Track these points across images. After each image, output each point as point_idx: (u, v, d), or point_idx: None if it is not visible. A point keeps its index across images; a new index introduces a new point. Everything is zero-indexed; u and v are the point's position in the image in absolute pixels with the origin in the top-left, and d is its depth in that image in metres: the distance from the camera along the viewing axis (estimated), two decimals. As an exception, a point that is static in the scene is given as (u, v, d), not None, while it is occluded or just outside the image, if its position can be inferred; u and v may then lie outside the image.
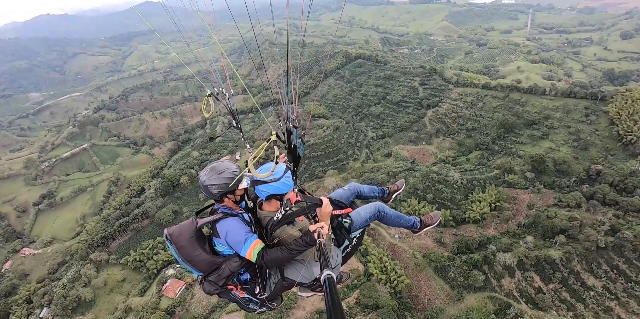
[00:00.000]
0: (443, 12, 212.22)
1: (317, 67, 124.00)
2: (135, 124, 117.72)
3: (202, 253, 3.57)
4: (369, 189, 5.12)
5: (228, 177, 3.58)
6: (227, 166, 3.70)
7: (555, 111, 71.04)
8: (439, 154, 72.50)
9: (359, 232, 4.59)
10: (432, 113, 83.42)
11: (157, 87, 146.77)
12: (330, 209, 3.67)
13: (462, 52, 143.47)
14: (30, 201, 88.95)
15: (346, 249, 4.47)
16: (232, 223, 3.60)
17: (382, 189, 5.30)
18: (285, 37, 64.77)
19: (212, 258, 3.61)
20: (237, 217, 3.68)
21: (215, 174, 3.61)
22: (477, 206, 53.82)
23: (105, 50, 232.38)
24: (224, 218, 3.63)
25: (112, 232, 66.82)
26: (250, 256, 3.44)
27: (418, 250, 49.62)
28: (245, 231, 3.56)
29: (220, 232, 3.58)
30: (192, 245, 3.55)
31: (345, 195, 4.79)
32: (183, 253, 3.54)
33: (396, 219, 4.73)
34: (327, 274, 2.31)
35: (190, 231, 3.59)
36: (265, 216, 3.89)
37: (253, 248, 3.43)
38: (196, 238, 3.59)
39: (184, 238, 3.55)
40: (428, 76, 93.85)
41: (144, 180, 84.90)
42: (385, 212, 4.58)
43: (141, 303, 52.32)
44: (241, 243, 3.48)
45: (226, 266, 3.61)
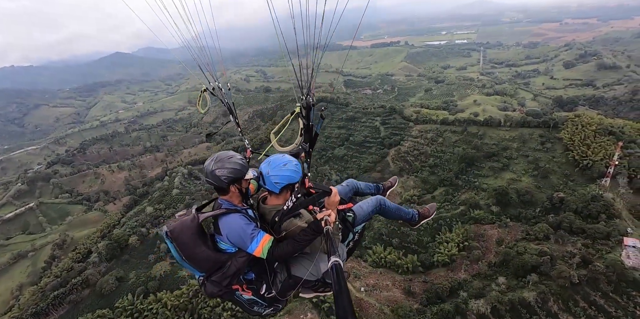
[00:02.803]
0: (402, 54, 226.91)
1: (281, 112, 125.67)
2: (90, 178, 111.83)
3: (205, 249, 3.37)
4: (365, 186, 5.20)
5: (237, 162, 3.47)
6: (233, 153, 3.57)
7: (512, 141, 72.55)
8: (404, 193, 70.99)
9: (360, 227, 4.53)
10: (395, 152, 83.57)
11: (117, 138, 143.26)
12: (338, 199, 3.60)
13: (422, 90, 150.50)
14: (-40, 272, 79.04)
15: (348, 245, 4.38)
16: (236, 220, 3.40)
17: (377, 186, 5.39)
18: (252, 84, 64.77)
19: (217, 255, 3.42)
20: (241, 214, 3.47)
21: (225, 158, 3.47)
22: (444, 247, 51.23)
23: (69, 101, 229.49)
24: (227, 214, 3.43)
25: (46, 307, 58.73)
26: (260, 252, 3.33)
27: (386, 304, 45.48)
28: (251, 227, 3.39)
29: (223, 229, 3.42)
30: (194, 242, 3.35)
31: (344, 191, 4.80)
32: (184, 251, 3.34)
33: (396, 212, 4.80)
34: (334, 260, 2.27)
35: (192, 227, 3.38)
36: (271, 210, 3.74)
37: (263, 244, 3.32)
38: (199, 234, 3.39)
39: (185, 235, 3.33)
40: (388, 115, 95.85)
41: (92, 241, 77.77)
42: (386, 205, 4.62)
43: None
44: (248, 240, 3.32)
45: (232, 263, 3.43)
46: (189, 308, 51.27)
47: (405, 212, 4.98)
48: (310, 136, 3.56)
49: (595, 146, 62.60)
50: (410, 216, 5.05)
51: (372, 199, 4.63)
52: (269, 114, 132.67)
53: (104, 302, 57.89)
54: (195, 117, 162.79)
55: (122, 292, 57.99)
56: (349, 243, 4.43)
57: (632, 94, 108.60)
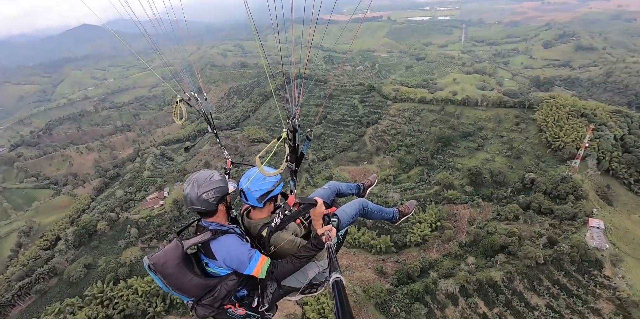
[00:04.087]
0: (384, 29, 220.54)
1: (258, 89, 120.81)
2: (58, 161, 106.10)
3: (193, 277, 3.20)
4: (347, 187, 5.09)
5: (219, 179, 3.34)
6: (210, 172, 3.41)
7: (488, 122, 72.05)
8: (380, 173, 70.22)
9: (343, 231, 4.40)
10: (372, 131, 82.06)
11: (86, 117, 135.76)
12: (323, 209, 3.61)
13: (403, 67, 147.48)
14: None
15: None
16: (230, 242, 3.27)
17: (358, 186, 5.31)
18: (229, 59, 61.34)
19: (205, 281, 3.26)
20: (232, 234, 3.34)
21: (206, 181, 3.26)
22: (417, 228, 51.13)
23: (33, 78, 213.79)
24: (217, 237, 3.25)
25: (11, 298, 56.39)
26: (259, 273, 3.28)
27: (358, 284, 45.45)
28: (247, 248, 3.29)
29: (218, 255, 3.25)
30: (181, 271, 3.16)
31: (327, 194, 4.69)
32: (171, 282, 3.14)
33: (379, 213, 4.76)
34: (335, 277, 2.20)
35: (176, 256, 3.15)
36: (256, 224, 3.71)
37: (261, 265, 3.26)
38: (185, 263, 3.20)
39: (170, 265, 3.11)
40: (367, 93, 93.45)
41: (61, 227, 74.49)
42: (369, 208, 4.56)
43: None
44: (246, 261, 3.22)
45: (222, 287, 3.29)
46: (161, 293, 50.04)
47: (387, 212, 4.97)
48: (296, 156, 3.53)
49: (567, 128, 62.78)
50: (392, 215, 5.03)
51: (355, 202, 4.50)
52: (245, 91, 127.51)
53: (72, 290, 55.94)
54: (169, 94, 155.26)
55: (92, 279, 56.04)
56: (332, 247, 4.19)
57: (606, 76, 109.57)
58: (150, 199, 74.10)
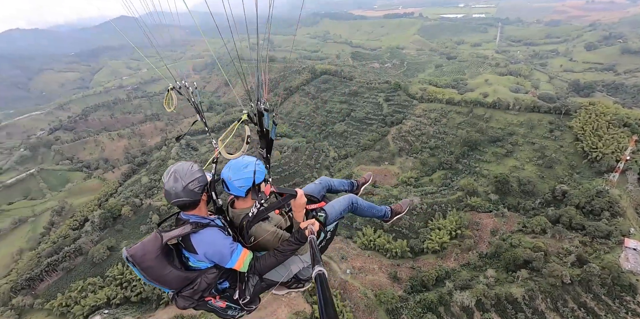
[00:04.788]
0: (415, 26, 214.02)
1: (284, 83, 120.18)
2: (91, 146, 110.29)
3: (172, 270, 3.13)
4: (339, 183, 5.02)
5: (199, 170, 3.27)
6: (188, 164, 3.30)
7: (519, 127, 68.00)
8: (402, 174, 68.11)
9: (332, 226, 4.37)
10: (396, 131, 79.53)
11: (119, 105, 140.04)
12: (304, 201, 3.50)
13: (433, 66, 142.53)
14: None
15: (320, 244, 4.20)
16: (211, 236, 3.20)
17: (351, 182, 5.25)
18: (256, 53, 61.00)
19: (185, 274, 3.21)
20: (213, 227, 3.27)
21: (188, 172, 3.18)
22: (436, 234, 49.01)
23: (74, 66, 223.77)
24: (198, 231, 3.17)
25: (40, 273, 59.29)
26: (241, 266, 3.26)
27: (370, 288, 44.20)
28: (228, 241, 3.25)
29: (199, 249, 3.17)
30: (160, 263, 3.07)
31: (317, 189, 4.63)
32: (150, 274, 3.06)
33: (369, 210, 4.69)
34: (318, 270, 2.20)
35: (155, 249, 3.05)
36: (239, 214, 3.59)
37: (242, 259, 3.24)
38: (163, 255, 3.10)
39: (149, 258, 3.02)
40: (393, 92, 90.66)
41: (89, 209, 77.51)
42: (359, 204, 4.49)
43: None
44: (227, 255, 3.19)
45: (202, 279, 3.25)
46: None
47: (378, 210, 4.86)
48: (266, 141, 3.52)
49: (607, 138, 58.08)
50: (383, 213, 4.92)
51: (344, 197, 4.43)
52: (271, 85, 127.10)
53: (95, 270, 58.11)
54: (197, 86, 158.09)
55: (113, 261, 57.95)
56: (321, 242, 4.24)
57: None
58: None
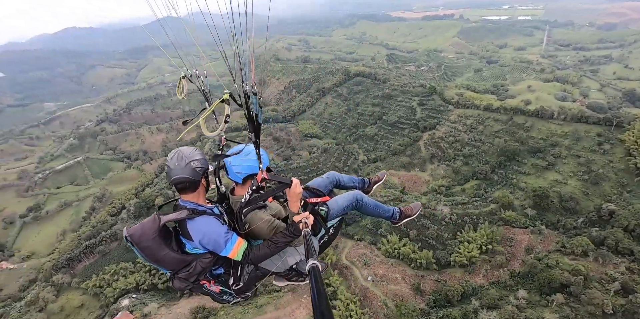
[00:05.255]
0: (455, 28, 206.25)
1: (318, 84, 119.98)
2: (132, 138, 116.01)
3: (168, 252, 3.20)
4: (349, 179, 4.94)
5: (201, 153, 3.35)
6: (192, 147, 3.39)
7: (563, 138, 63.11)
8: (432, 182, 65.49)
9: (336, 222, 4.36)
10: (428, 136, 76.72)
11: (160, 101, 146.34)
12: (300, 190, 3.41)
13: (472, 70, 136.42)
14: (18, 212, 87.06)
15: (322, 239, 4.22)
16: (206, 224, 3.24)
17: (363, 180, 5.12)
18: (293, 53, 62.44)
19: (181, 257, 3.27)
20: (209, 216, 3.31)
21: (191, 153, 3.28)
22: (465, 247, 46.47)
23: (122, 62, 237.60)
24: (194, 218, 3.22)
25: (79, 254, 63.08)
26: (235, 255, 3.30)
27: (391, 298, 42.73)
28: (223, 230, 3.29)
29: (194, 236, 3.23)
30: (157, 244, 3.15)
31: (324, 184, 4.61)
32: (147, 254, 3.16)
33: (374, 209, 4.53)
34: (312, 263, 2.24)
35: (153, 230, 3.14)
36: (237, 201, 3.61)
37: (237, 248, 3.28)
38: (161, 237, 3.18)
39: (146, 238, 3.11)
40: (427, 96, 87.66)
41: (127, 197, 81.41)
42: (364, 202, 4.36)
43: None
44: (222, 244, 3.23)
45: (197, 263, 3.30)
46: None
47: (385, 210, 4.68)
48: (253, 125, 3.48)
49: (665, 154, 52.47)
50: (391, 214, 4.75)
51: (349, 193, 4.37)
52: (304, 86, 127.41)
53: (127, 256, 60.77)
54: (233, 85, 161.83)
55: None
56: (322, 237, 4.21)
57: None
58: (204, 181, 77.80)
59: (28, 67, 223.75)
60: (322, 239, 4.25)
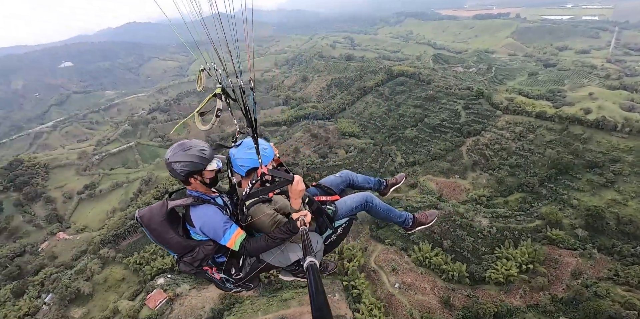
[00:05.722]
0: (509, 28, 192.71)
1: (359, 82, 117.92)
2: (179, 127, 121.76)
3: (174, 236, 3.36)
4: (364, 179, 4.78)
5: (194, 155, 3.33)
6: (195, 144, 3.46)
7: (627, 153, 56.51)
8: (472, 191, 61.76)
9: (344, 222, 4.23)
10: (472, 142, 72.39)
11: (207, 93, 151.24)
12: (302, 187, 3.34)
13: (526, 73, 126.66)
14: (76, 189, 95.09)
15: (329, 238, 4.12)
16: (207, 212, 3.34)
17: (379, 181, 4.93)
18: (337, 51, 62.64)
19: (185, 242, 3.41)
20: (211, 205, 3.41)
21: (180, 151, 3.34)
22: (502, 264, 43.27)
23: (175, 55, 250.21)
24: (197, 205, 3.37)
25: (124, 232, 67.56)
26: (232, 245, 3.34)
27: (417, 308, 40.96)
28: (223, 220, 3.36)
29: (195, 222, 3.36)
30: (164, 228, 3.31)
31: (336, 182, 4.51)
32: (155, 236, 3.36)
33: (385, 213, 4.38)
34: (309, 261, 2.24)
35: (161, 214, 3.31)
36: (241, 193, 3.63)
37: (235, 238, 3.32)
38: (168, 221, 3.34)
39: (155, 221, 3.30)
40: (474, 99, 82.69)
41: (170, 183, 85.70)
42: (374, 204, 4.20)
43: (127, 307, 51.23)
44: (221, 232, 3.31)
45: (200, 249, 3.41)
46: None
47: (397, 215, 4.55)
48: (248, 120, 3.49)
49: None
50: (403, 220, 4.59)
51: (359, 194, 4.25)
52: (346, 84, 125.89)
53: (166, 238, 64.02)
54: (276, 80, 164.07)
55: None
56: (330, 236, 4.12)
57: None
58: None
59: (93, 57, 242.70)
60: (329, 239, 4.16)
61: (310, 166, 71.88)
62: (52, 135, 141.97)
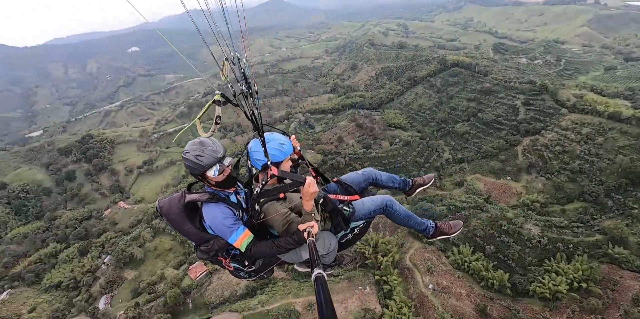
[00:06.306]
0: (586, 16, 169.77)
1: (410, 72, 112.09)
2: (230, 111, 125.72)
3: (191, 227, 3.44)
4: (388, 178, 4.54)
5: (190, 159, 3.32)
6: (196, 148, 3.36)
7: None
8: (525, 195, 56.49)
9: (362, 223, 4.07)
10: (530, 142, 65.82)
11: (257, 79, 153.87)
12: (314, 190, 3.18)
13: (602, 67, 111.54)
14: (136, 164, 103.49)
15: (345, 236, 4.02)
16: (216, 212, 3.35)
17: (405, 180, 4.65)
18: (389, 39, 60.61)
19: (201, 234, 3.48)
20: (223, 204, 3.41)
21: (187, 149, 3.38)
22: (551, 278, 39.28)
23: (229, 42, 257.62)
24: (209, 203, 3.38)
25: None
26: (239, 246, 3.36)
27: (450, 313, 38.92)
28: (232, 220, 3.36)
29: (206, 219, 3.42)
30: (181, 219, 3.41)
31: (358, 180, 4.33)
32: (173, 226, 3.45)
33: (405, 219, 4.15)
34: (317, 273, 2.20)
35: (178, 206, 3.40)
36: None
37: (242, 240, 3.33)
38: (185, 213, 3.42)
39: (173, 212, 3.40)
40: (536, 94, 74.72)
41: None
42: (394, 209, 4.01)
43: (172, 275, 55.34)
44: (228, 233, 3.33)
45: (214, 242, 3.46)
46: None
47: (418, 223, 4.25)
48: (254, 123, 3.50)
49: None
50: (424, 228, 4.30)
51: (379, 197, 4.04)
52: (396, 73, 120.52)
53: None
54: (325, 67, 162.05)
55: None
56: (346, 235, 3.99)
57: None
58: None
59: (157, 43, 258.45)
60: (345, 237, 4.04)
61: (353, 156, 70.37)
62: (119, 114, 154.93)
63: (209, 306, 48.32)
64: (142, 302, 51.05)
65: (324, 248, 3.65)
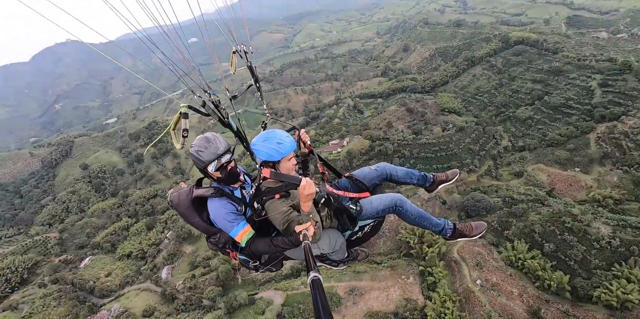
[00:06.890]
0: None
1: (467, 52, 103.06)
2: (281, 97, 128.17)
3: (199, 220, 3.52)
4: (406, 173, 4.22)
5: (192, 154, 3.37)
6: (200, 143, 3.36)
7: None
8: (596, 190, 49.96)
9: (372, 221, 3.87)
10: (606, 129, 57.40)
11: (308, 64, 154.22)
12: (309, 192, 3.02)
13: None
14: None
15: (356, 234, 3.87)
16: (219, 207, 3.38)
17: (425, 176, 4.27)
18: (446, 16, 58.51)
19: (209, 227, 3.55)
20: (227, 199, 3.42)
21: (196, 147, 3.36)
22: (619, 285, 34.68)
23: (281, 28, 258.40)
24: (214, 198, 3.41)
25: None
26: (239, 241, 3.40)
27: (498, 312, 36.65)
28: (233, 216, 3.38)
29: (210, 213, 3.47)
30: (189, 213, 3.49)
31: (370, 176, 4.11)
32: (184, 218, 3.57)
33: (418, 220, 3.84)
34: (313, 276, 2.16)
35: (187, 200, 3.47)
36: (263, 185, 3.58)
37: (242, 235, 3.36)
38: (194, 207, 3.49)
39: (182, 206, 3.48)
40: (617, 74, 64.35)
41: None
42: (405, 209, 3.73)
43: None
44: (229, 228, 3.38)
45: (221, 235, 3.51)
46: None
47: (433, 224, 3.91)
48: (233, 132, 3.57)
49: None
50: (440, 229, 3.93)
51: (388, 196, 3.79)
52: (452, 54, 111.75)
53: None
54: (376, 50, 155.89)
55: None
56: (357, 232, 3.84)
57: None
58: (332, 144, 79.14)
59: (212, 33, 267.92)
60: (355, 234, 3.89)
61: (402, 142, 67.44)
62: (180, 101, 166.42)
63: (257, 283, 51.31)
64: (197, 274, 55.88)
65: (330, 247, 3.61)
